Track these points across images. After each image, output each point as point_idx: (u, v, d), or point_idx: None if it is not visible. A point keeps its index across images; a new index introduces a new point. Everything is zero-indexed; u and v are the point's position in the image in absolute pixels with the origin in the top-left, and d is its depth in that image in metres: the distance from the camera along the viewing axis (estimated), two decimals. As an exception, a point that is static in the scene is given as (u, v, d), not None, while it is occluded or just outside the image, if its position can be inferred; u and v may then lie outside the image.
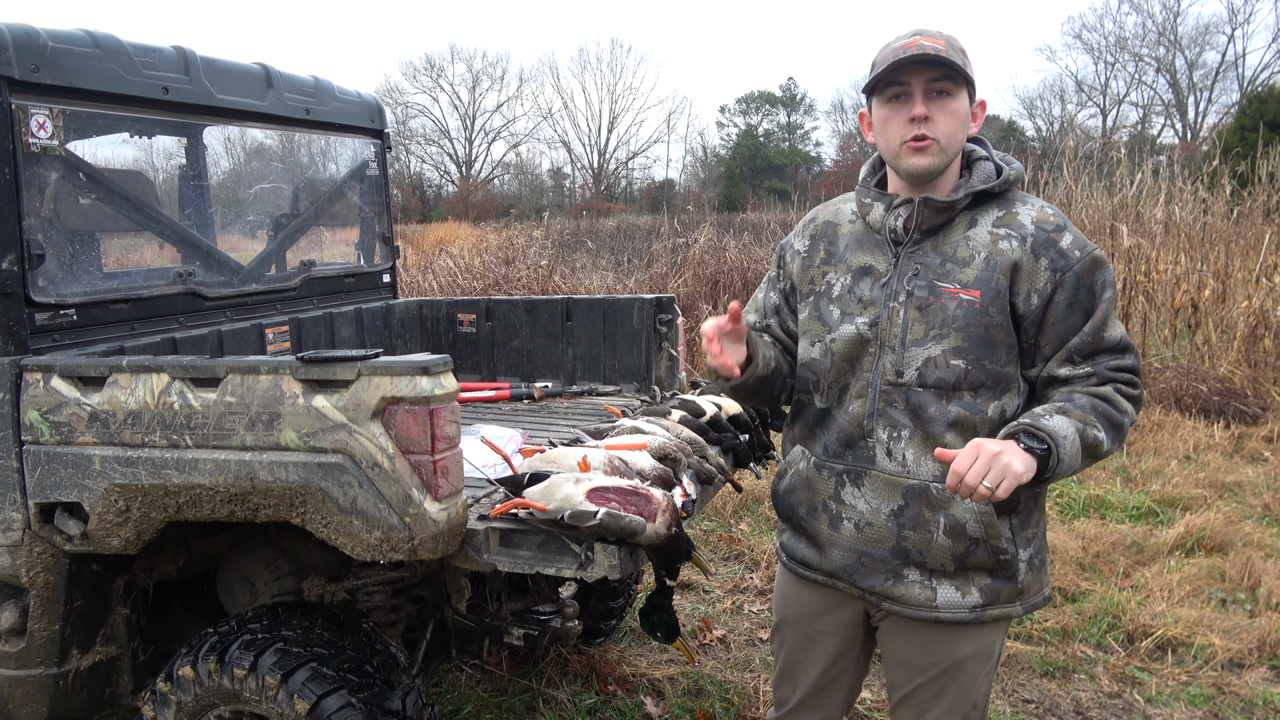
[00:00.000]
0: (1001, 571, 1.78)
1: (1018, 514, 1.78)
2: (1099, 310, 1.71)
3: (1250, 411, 6.68)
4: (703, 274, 10.19)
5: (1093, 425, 1.66)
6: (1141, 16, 41.86)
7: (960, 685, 1.87)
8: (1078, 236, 1.73)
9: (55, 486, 2.18)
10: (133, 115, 2.69)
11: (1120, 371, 1.72)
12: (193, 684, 2.16)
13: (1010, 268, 1.71)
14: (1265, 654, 3.53)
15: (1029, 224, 1.73)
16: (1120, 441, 1.72)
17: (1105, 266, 1.72)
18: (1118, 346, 1.72)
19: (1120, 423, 1.69)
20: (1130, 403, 1.72)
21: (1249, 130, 16.01)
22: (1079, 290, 1.70)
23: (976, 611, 1.80)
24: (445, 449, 1.93)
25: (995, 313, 1.71)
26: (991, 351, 1.72)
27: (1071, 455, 1.63)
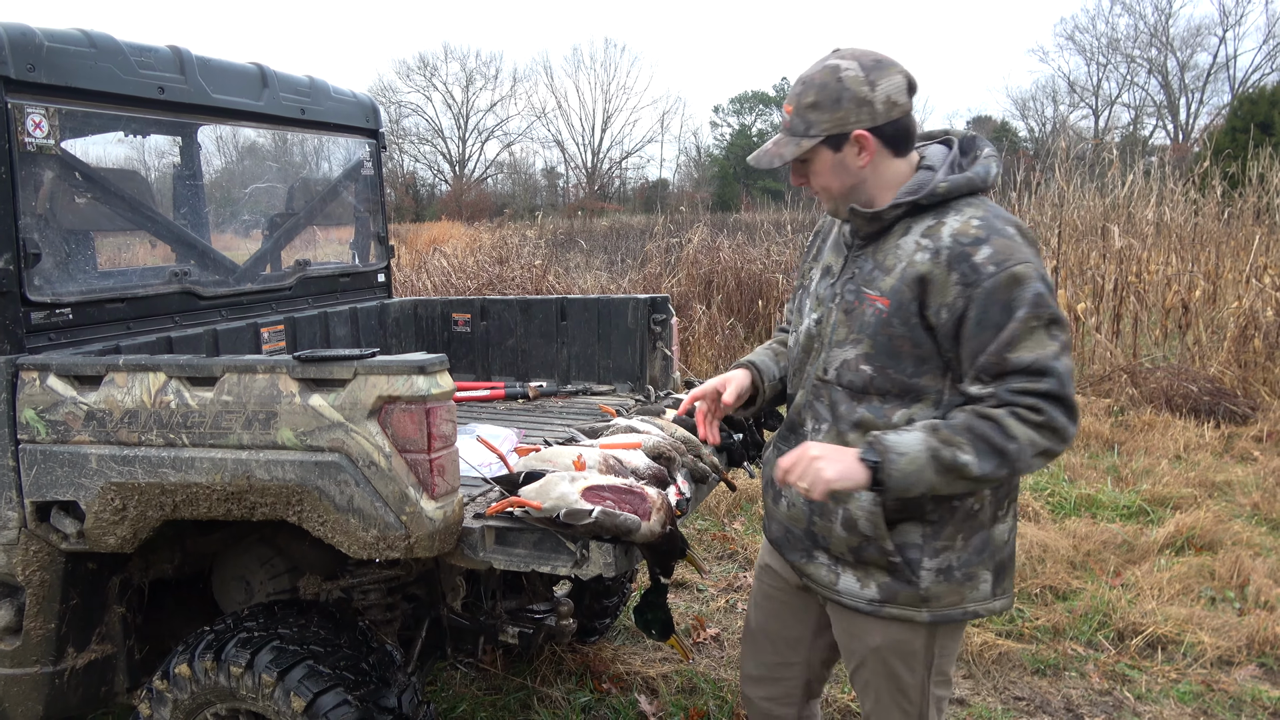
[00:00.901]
0: (897, 573, 1.80)
1: (929, 523, 1.79)
2: (1008, 329, 1.63)
3: (1240, 411, 6.73)
4: (696, 274, 10.21)
5: (956, 446, 1.63)
6: (1133, 18, 42.04)
7: (885, 677, 1.91)
8: (1001, 251, 1.65)
9: (51, 485, 2.18)
10: (128, 115, 2.69)
11: (1025, 395, 1.63)
12: (189, 682, 2.17)
13: (917, 280, 1.71)
14: (1254, 651, 3.57)
15: (947, 236, 1.70)
16: (1010, 469, 1.65)
17: (1024, 284, 1.63)
18: (1029, 369, 1.62)
19: (1003, 448, 1.62)
20: (1031, 429, 1.62)
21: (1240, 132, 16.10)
22: (990, 307, 1.64)
23: (874, 605, 1.84)
24: (441, 448, 1.94)
25: (898, 324, 1.73)
26: (896, 361, 1.74)
27: (909, 472, 1.64)
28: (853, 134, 1.73)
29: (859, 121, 1.73)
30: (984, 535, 1.81)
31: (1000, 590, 1.86)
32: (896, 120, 1.75)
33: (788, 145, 1.78)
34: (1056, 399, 1.63)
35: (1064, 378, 1.63)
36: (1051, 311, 1.65)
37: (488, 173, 49.80)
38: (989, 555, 1.82)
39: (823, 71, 1.74)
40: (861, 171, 1.77)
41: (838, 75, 1.72)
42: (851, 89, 1.71)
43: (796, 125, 1.77)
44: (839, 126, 1.73)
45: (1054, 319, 1.65)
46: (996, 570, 1.84)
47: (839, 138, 1.74)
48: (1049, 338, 1.64)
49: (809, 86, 1.75)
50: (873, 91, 1.71)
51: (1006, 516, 1.85)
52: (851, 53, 1.76)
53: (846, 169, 1.77)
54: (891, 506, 1.77)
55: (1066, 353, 1.65)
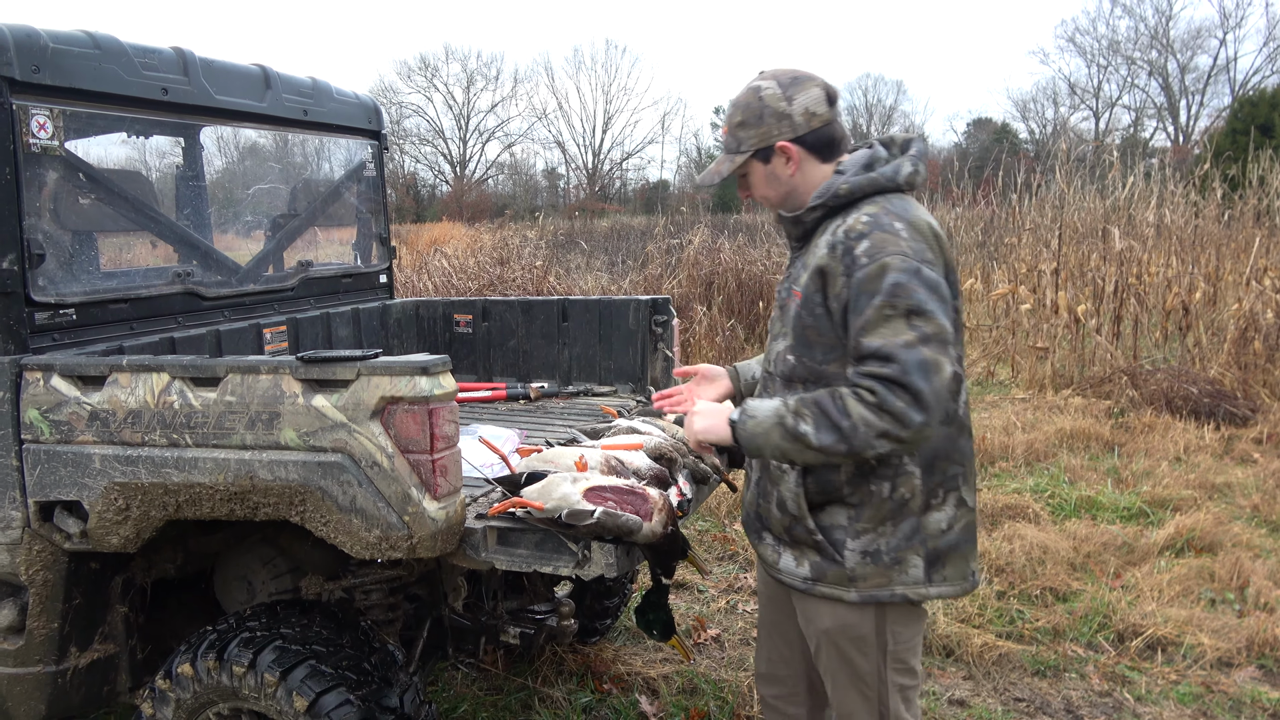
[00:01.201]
0: (824, 552, 1.91)
1: (851, 506, 1.88)
2: (864, 315, 1.74)
3: (1240, 413, 6.73)
4: (697, 275, 10.22)
5: (801, 417, 1.76)
6: (1134, 20, 42.13)
7: (839, 661, 1.98)
8: (876, 244, 1.75)
9: (55, 485, 2.19)
10: (132, 116, 2.70)
11: (867, 378, 1.71)
12: (192, 681, 2.18)
13: (817, 272, 1.85)
14: (1254, 653, 3.57)
15: (840, 232, 1.82)
16: (846, 447, 1.72)
17: (888, 274, 1.72)
18: (877, 354, 1.71)
19: (838, 424, 1.71)
20: (866, 409, 1.70)
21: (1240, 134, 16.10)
22: (860, 296, 1.75)
23: (808, 584, 1.95)
24: (444, 448, 1.95)
25: (806, 314, 1.88)
26: (809, 350, 1.89)
27: (756, 434, 1.82)
28: (777, 145, 1.91)
29: (781, 134, 1.90)
30: (914, 522, 1.88)
31: (939, 577, 1.91)
32: (817, 129, 1.91)
33: (725, 163, 1.98)
34: (897, 384, 1.69)
35: (909, 365, 1.68)
36: (910, 302, 1.71)
37: (488, 174, 49.86)
38: (919, 541, 1.89)
39: (746, 93, 1.94)
40: (792, 179, 1.94)
41: (759, 95, 1.92)
42: (771, 105, 1.90)
43: (730, 144, 1.97)
44: (764, 140, 1.91)
45: (913, 309, 1.71)
46: (931, 557, 1.90)
47: (766, 150, 1.92)
48: (907, 326, 1.71)
49: (736, 108, 1.95)
50: (790, 105, 1.90)
51: (944, 506, 1.90)
52: (772, 73, 1.95)
53: (778, 178, 1.95)
54: (813, 489, 1.90)
55: (927, 344, 1.69)
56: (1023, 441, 6.24)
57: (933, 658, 3.60)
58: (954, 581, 1.93)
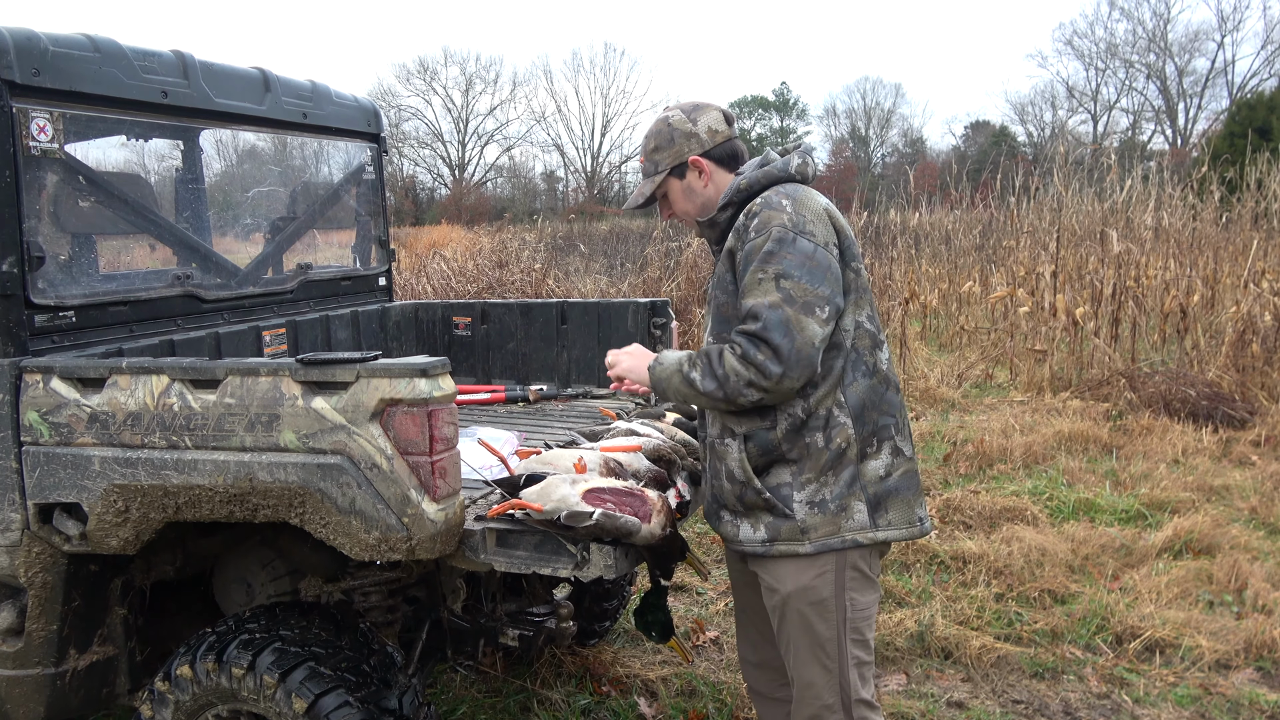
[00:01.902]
0: (774, 511, 2.05)
1: (791, 462, 2.04)
2: (744, 280, 1.98)
3: (1238, 416, 6.74)
4: (696, 278, 10.22)
5: (693, 365, 2.02)
6: (1132, 23, 42.19)
7: (798, 628, 2.09)
8: (763, 220, 1.99)
9: (54, 487, 2.19)
10: (132, 119, 2.70)
11: (739, 334, 1.94)
12: (191, 683, 2.18)
13: (728, 255, 2.07)
14: (1252, 655, 3.57)
15: (741, 215, 2.06)
16: (723, 390, 1.95)
17: (766, 244, 1.95)
18: (749, 314, 1.94)
19: (716, 373, 1.96)
20: (736, 361, 1.92)
21: (1238, 137, 16.13)
22: (746, 264, 1.99)
23: (766, 546, 2.07)
24: (443, 450, 1.95)
25: (719, 293, 2.11)
26: (726, 325, 2.08)
27: (662, 377, 2.08)
28: (689, 160, 2.16)
29: (691, 150, 2.17)
30: (853, 470, 2.04)
31: (884, 521, 2.07)
32: (721, 144, 2.18)
33: (646, 185, 2.23)
34: (759, 339, 1.91)
35: (770, 323, 1.90)
36: (779, 267, 1.93)
37: (487, 177, 49.85)
38: (860, 488, 2.05)
39: (656, 123, 2.22)
40: (706, 190, 2.18)
41: (667, 122, 2.19)
42: (679, 128, 2.17)
43: (648, 168, 2.22)
44: (678, 158, 2.17)
45: (780, 274, 1.93)
46: (873, 501, 2.06)
47: (680, 167, 2.18)
48: (775, 289, 1.92)
49: (649, 137, 2.21)
50: (695, 125, 2.17)
51: (879, 454, 2.07)
52: (676, 105, 2.23)
53: (693, 190, 2.19)
54: (754, 453, 2.05)
55: (791, 305, 1.91)
56: (1021, 444, 6.25)
57: (931, 660, 3.60)
58: (899, 525, 2.08)
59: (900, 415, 2.12)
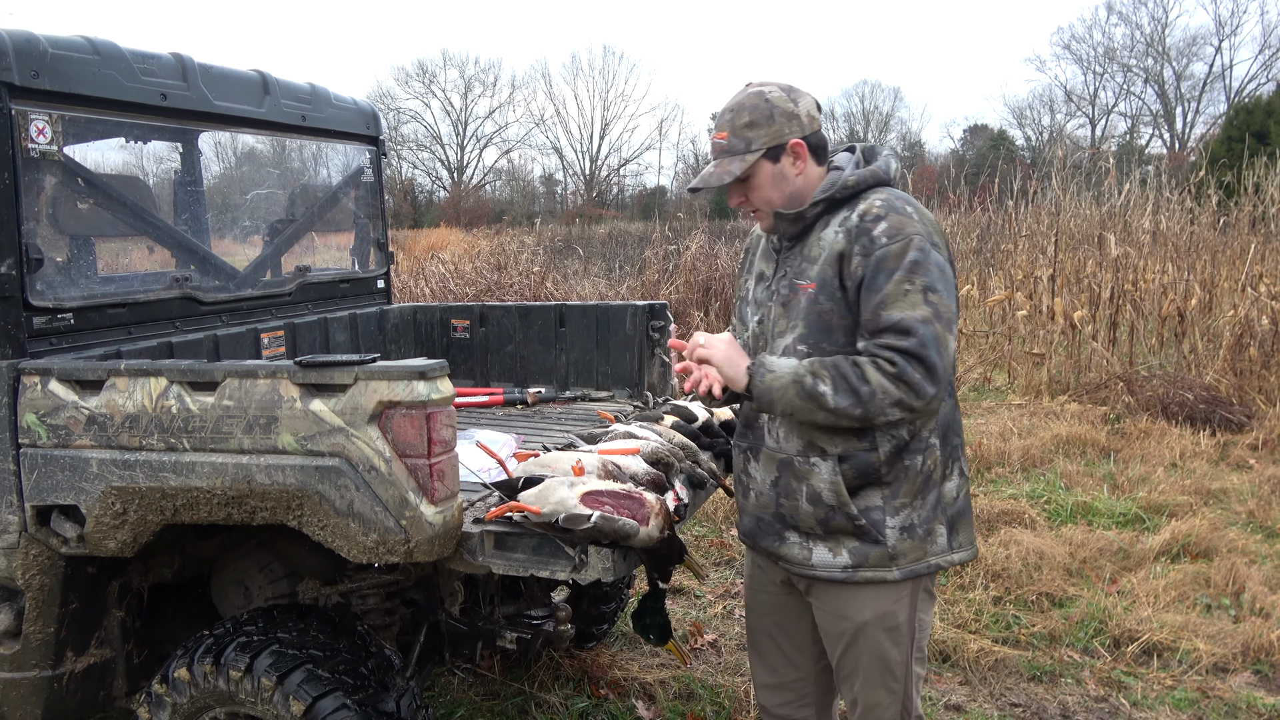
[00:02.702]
0: (864, 536, 1.95)
1: (885, 484, 1.95)
2: (884, 290, 1.83)
3: (1235, 419, 6.75)
4: (694, 281, 10.25)
5: (819, 377, 1.83)
6: (1130, 28, 42.24)
7: (870, 654, 2.02)
8: (894, 225, 1.85)
9: (52, 489, 2.19)
10: (131, 121, 2.70)
11: (886, 349, 1.81)
12: (188, 686, 2.18)
13: (836, 258, 1.91)
14: (1249, 658, 3.58)
15: (855, 217, 1.91)
16: (862, 408, 1.81)
17: (908, 252, 1.82)
18: (897, 327, 1.81)
19: (857, 389, 1.80)
20: (885, 378, 1.79)
21: (1236, 141, 16.17)
22: (879, 273, 1.84)
23: (848, 572, 1.97)
24: (441, 452, 1.95)
25: (824, 299, 1.93)
26: (828, 335, 1.93)
27: (774, 388, 1.87)
28: (789, 143, 1.95)
29: (792, 132, 1.95)
30: (936, 493, 1.98)
31: (956, 544, 2.02)
32: (817, 131, 2.00)
33: (732, 163, 1.96)
34: (915, 356, 1.80)
35: (926, 339, 1.80)
36: (926, 279, 1.82)
37: (486, 179, 49.89)
38: (942, 510, 1.99)
39: (751, 96, 1.97)
40: (797, 179, 1.99)
41: (764, 97, 1.96)
42: (780, 105, 1.95)
43: (736, 145, 1.96)
44: (776, 138, 1.94)
45: (928, 287, 1.82)
46: (950, 524, 2.01)
47: (777, 149, 1.95)
48: (924, 302, 1.81)
49: (740, 110, 1.96)
50: (796, 106, 1.96)
51: (953, 475, 2.01)
52: (765, 82, 2.00)
53: (785, 178, 1.98)
54: (850, 475, 1.93)
55: (940, 321, 1.81)
56: (1019, 447, 6.26)
57: (929, 663, 3.60)
58: (966, 546, 2.04)
59: (963, 435, 2.07)
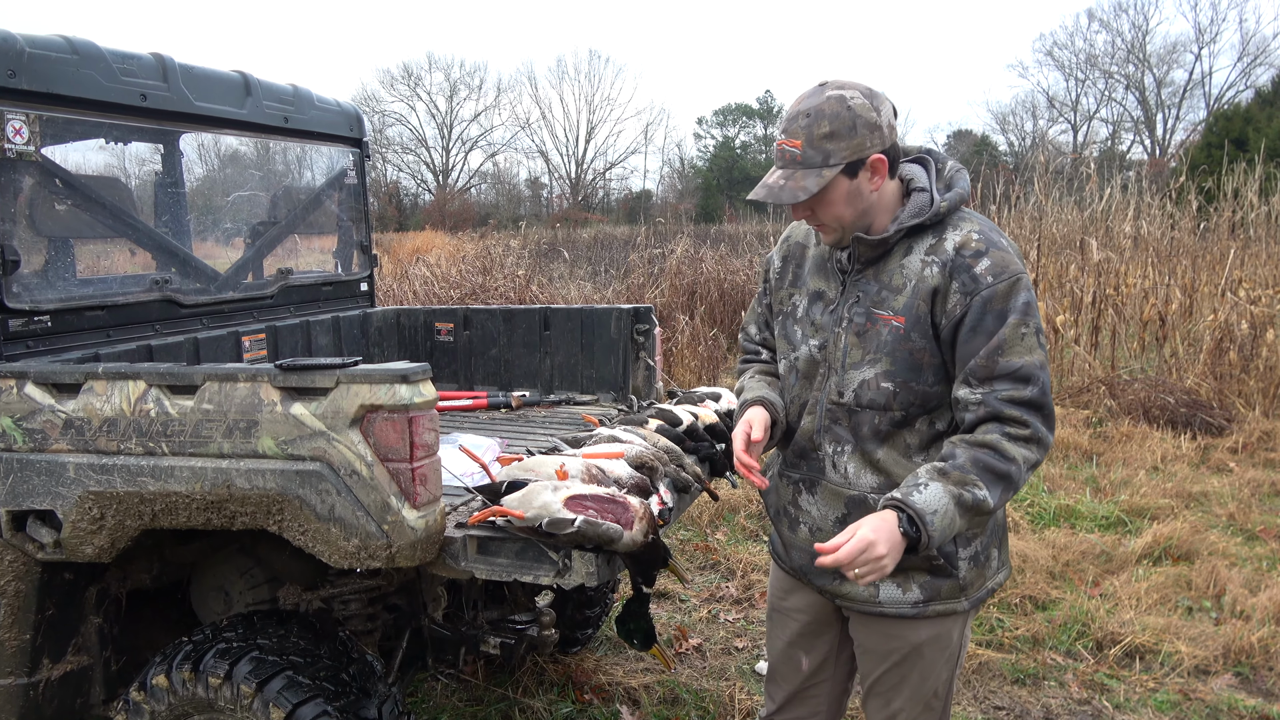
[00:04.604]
0: (939, 571, 1.87)
1: None
2: (999, 335, 1.71)
3: (1216, 423, 6.80)
4: (680, 284, 10.25)
5: (972, 485, 1.68)
6: (1111, 34, 42.63)
7: (920, 672, 1.96)
8: (998, 262, 1.73)
9: (28, 494, 2.16)
10: (110, 122, 2.68)
11: (1013, 405, 1.70)
12: (167, 693, 2.15)
13: (930, 293, 1.77)
14: (1230, 660, 3.60)
15: (950, 249, 1.77)
16: (1013, 490, 1.72)
17: (1017, 294, 1.72)
18: (1016, 375, 1.70)
19: (1006, 472, 1.69)
20: (1022, 445, 1.70)
21: (1215, 147, 16.34)
22: (985, 315, 1.72)
23: (919, 607, 1.89)
24: (424, 457, 1.93)
25: (917, 337, 1.79)
26: (918, 374, 1.81)
27: (944, 528, 1.68)
28: (870, 159, 1.75)
29: (874, 146, 1.75)
30: (994, 519, 1.93)
31: (1001, 562, 1.99)
32: (894, 144, 1.79)
33: (808, 178, 1.74)
34: (1038, 408, 1.72)
35: (1045, 386, 1.73)
36: (1037, 322, 1.74)
37: (471, 183, 49.79)
38: (993, 534, 1.95)
39: (830, 102, 1.73)
40: (872, 196, 1.80)
41: (846, 104, 1.73)
42: (863, 115, 1.73)
43: (813, 157, 1.74)
44: (857, 153, 1.74)
45: (1039, 329, 1.74)
46: (1000, 544, 1.99)
47: (856, 164, 1.75)
48: (1038, 346, 1.73)
49: (820, 118, 1.73)
50: (880, 116, 1.75)
51: None
52: (845, 83, 1.77)
53: (860, 195, 1.79)
54: None
55: (1049, 364, 1.78)
56: (1002, 451, 6.27)
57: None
58: (1006, 565, 2.01)
59: None
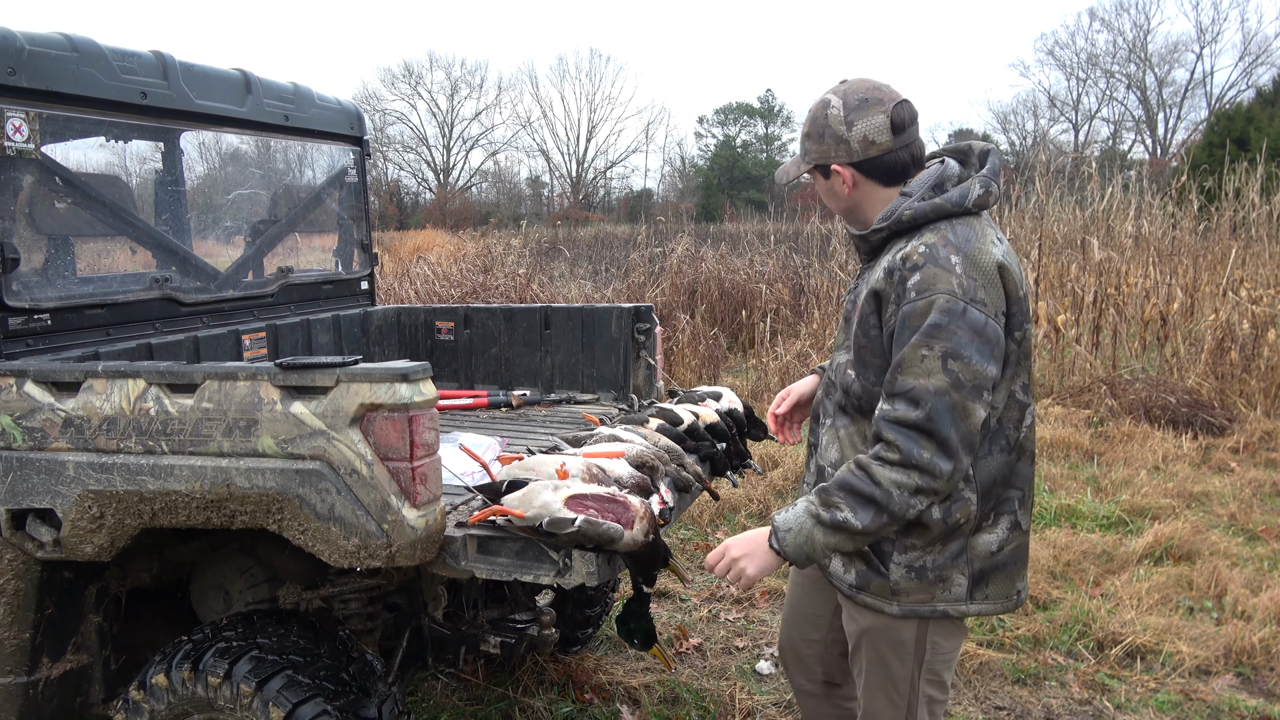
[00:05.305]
0: (869, 563, 1.91)
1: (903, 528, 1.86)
2: (902, 352, 1.71)
3: (1217, 423, 6.80)
4: (680, 283, 10.25)
5: (835, 506, 1.75)
6: (1112, 34, 42.60)
7: (876, 665, 1.98)
8: (926, 279, 1.71)
9: (27, 493, 2.16)
10: (110, 119, 2.67)
11: (894, 426, 1.70)
12: (166, 692, 2.14)
13: (872, 295, 1.82)
14: (1231, 661, 3.60)
15: (899, 257, 1.78)
16: (886, 514, 1.71)
17: (932, 312, 1.68)
18: (906, 394, 1.69)
19: (871, 495, 1.71)
20: (892, 469, 1.70)
21: (1216, 147, 16.33)
22: (904, 330, 1.73)
23: (852, 590, 1.95)
24: (424, 456, 1.93)
25: (862, 335, 1.86)
26: (864, 369, 1.87)
27: (800, 544, 1.79)
28: (832, 167, 1.90)
29: (837, 157, 1.88)
30: (961, 543, 1.86)
31: (981, 595, 1.90)
32: (874, 157, 1.85)
33: (792, 165, 2.01)
34: (923, 432, 1.69)
35: (937, 411, 1.67)
36: (949, 345, 1.67)
37: (472, 181, 49.79)
38: (965, 562, 1.87)
39: (817, 104, 1.90)
40: (849, 198, 1.93)
41: (825, 110, 1.88)
42: (832, 127, 1.87)
43: (800, 149, 1.99)
44: (822, 158, 1.91)
45: (949, 353, 1.67)
46: (976, 576, 1.88)
47: (824, 168, 1.92)
48: (941, 370, 1.67)
49: (808, 117, 1.93)
50: (849, 131, 1.85)
51: (995, 528, 1.88)
52: (845, 88, 1.87)
53: (835, 194, 1.95)
54: None
55: (959, 390, 1.67)
56: (1003, 450, 6.26)
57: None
58: (995, 600, 1.91)
59: (1028, 488, 1.92)
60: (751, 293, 10.20)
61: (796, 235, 13.60)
